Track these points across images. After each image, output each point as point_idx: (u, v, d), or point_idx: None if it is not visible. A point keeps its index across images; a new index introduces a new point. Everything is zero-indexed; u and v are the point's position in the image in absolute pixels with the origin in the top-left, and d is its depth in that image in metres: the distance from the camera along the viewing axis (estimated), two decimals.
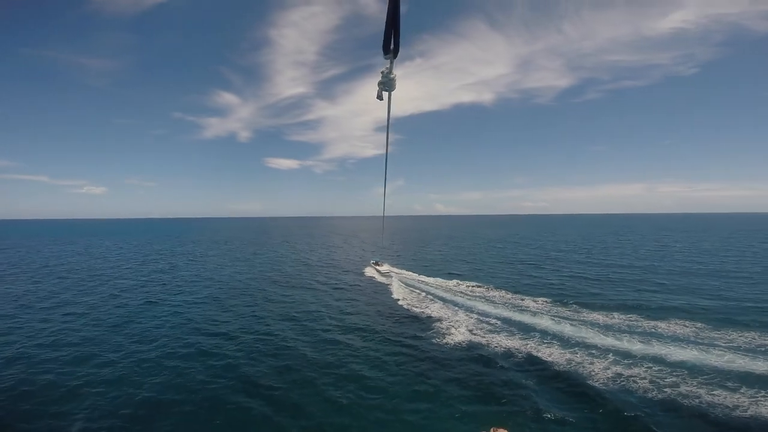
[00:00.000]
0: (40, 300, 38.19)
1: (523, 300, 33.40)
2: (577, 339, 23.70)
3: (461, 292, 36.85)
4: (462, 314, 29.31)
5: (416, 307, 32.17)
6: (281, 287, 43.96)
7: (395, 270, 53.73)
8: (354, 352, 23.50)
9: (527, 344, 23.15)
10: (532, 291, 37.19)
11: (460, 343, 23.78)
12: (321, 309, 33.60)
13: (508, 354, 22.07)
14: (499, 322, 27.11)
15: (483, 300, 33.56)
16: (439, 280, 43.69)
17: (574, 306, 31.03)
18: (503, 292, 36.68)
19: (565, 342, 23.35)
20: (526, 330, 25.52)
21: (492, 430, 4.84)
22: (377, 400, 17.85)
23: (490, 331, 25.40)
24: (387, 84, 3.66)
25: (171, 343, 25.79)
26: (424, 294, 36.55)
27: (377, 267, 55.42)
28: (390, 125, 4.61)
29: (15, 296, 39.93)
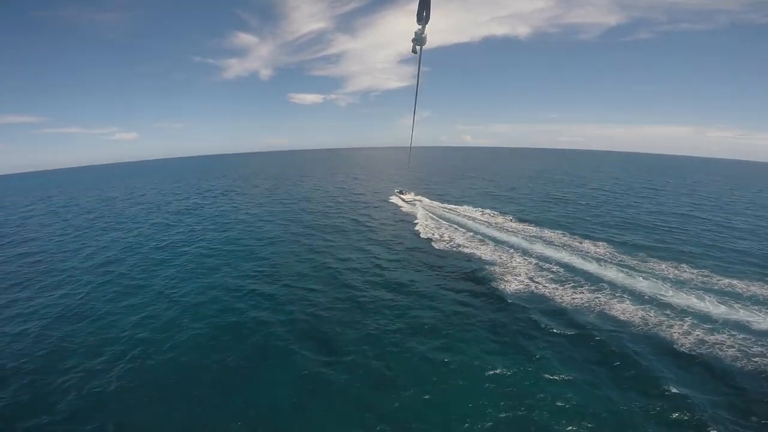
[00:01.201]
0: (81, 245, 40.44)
1: (581, 243, 31.00)
2: (648, 294, 21.69)
3: (511, 230, 34.75)
4: (518, 257, 27.66)
5: (467, 247, 30.69)
6: (309, 224, 43.72)
7: (426, 200, 53.91)
8: (412, 303, 22.31)
9: (597, 298, 21.47)
10: (589, 233, 34.51)
11: (520, 291, 22.52)
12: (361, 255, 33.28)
13: (579, 310, 20.44)
14: (561, 270, 25.23)
15: (538, 241, 31.42)
16: (485, 215, 41.86)
17: (640, 255, 28.39)
18: (558, 232, 34.25)
19: (636, 297, 21.43)
20: (592, 281, 23.59)
21: None
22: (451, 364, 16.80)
23: (554, 281, 23.73)
24: (419, 41, 4.28)
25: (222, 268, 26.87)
26: (472, 233, 34.64)
27: (401, 196, 57.38)
28: (420, 66, 5.64)
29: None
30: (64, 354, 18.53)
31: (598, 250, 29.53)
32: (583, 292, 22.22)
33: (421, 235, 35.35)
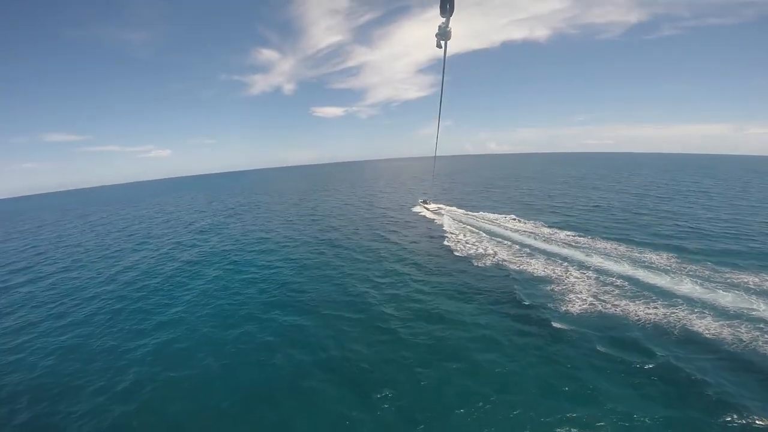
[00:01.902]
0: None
1: (642, 254, 28.78)
2: (732, 308, 19.65)
3: (560, 242, 32.85)
4: (575, 272, 25.95)
5: (513, 263, 29.14)
6: (338, 243, 43.08)
7: (455, 209, 53.62)
8: (458, 333, 20.27)
9: (674, 314, 19.62)
10: (647, 242, 32.20)
11: (587, 313, 20.83)
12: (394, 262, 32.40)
13: (657, 330, 18.58)
14: (627, 284, 23.35)
15: (593, 252, 29.40)
16: (526, 225, 39.76)
17: (709, 264, 26.02)
18: (612, 243, 31.96)
19: (719, 312, 19.43)
20: (665, 295, 21.64)
21: None
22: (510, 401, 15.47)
23: (622, 297, 21.96)
24: (443, 35, 4.20)
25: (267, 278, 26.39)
26: (517, 246, 32.87)
27: (426, 206, 57.05)
28: (437, 67, 5.36)
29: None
30: (77, 383, 18.39)
31: (662, 260, 27.36)
32: (656, 308, 20.40)
33: (457, 252, 33.17)
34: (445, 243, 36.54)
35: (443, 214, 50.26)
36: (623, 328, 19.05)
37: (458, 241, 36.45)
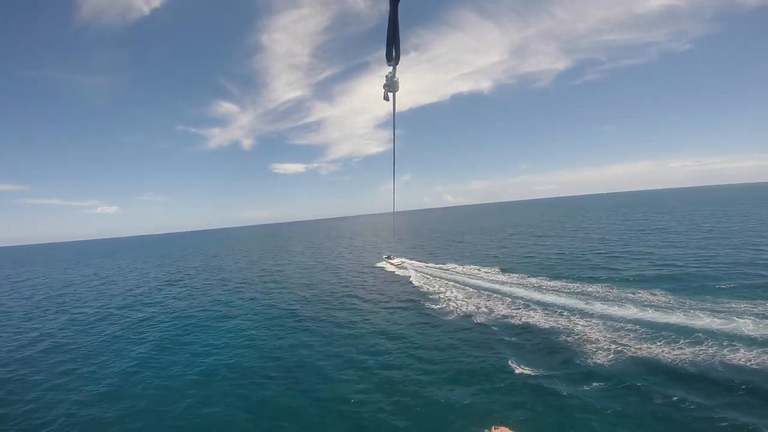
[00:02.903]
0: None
1: (635, 294, 27.58)
2: (759, 336, 18.52)
3: (552, 290, 31.12)
4: (580, 320, 23.87)
5: (512, 317, 26.83)
6: (312, 303, 38.93)
7: (415, 263, 53.27)
8: (486, 405, 17.62)
9: (705, 351, 17.85)
10: (635, 282, 31.50)
11: (615, 363, 18.43)
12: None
13: (699, 368, 16.72)
14: (639, 327, 21.46)
15: (590, 298, 27.76)
16: (510, 277, 37.88)
17: (709, 296, 25.43)
18: (603, 286, 30.70)
19: (748, 342, 18.09)
20: (685, 333, 20.01)
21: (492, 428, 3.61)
22: None
23: (641, 340, 19.89)
24: (391, 86, 4.01)
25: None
26: (509, 299, 30.97)
27: (390, 261, 57.41)
28: (395, 112, 5.03)
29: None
30: None
31: (659, 298, 26.38)
32: (682, 348, 18.61)
33: (452, 309, 29.82)
34: (427, 298, 33.75)
35: (407, 268, 50.97)
36: (661, 370, 17.09)
37: (443, 298, 33.41)
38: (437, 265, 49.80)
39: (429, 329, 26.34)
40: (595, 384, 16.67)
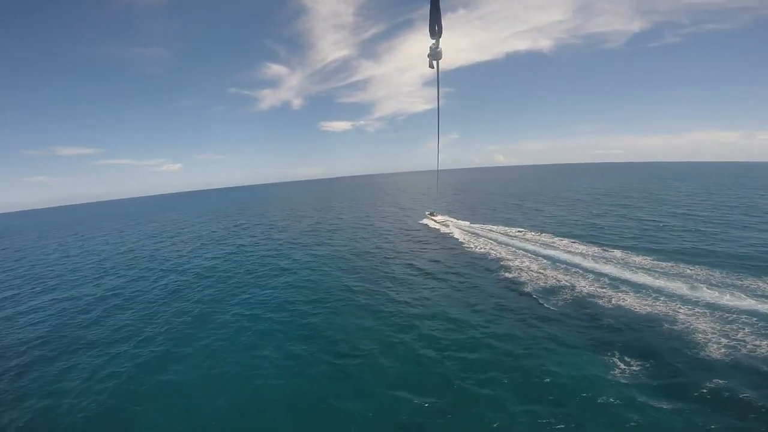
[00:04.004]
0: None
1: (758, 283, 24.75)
2: None
3: (640, 267, 28.65)
4: (682, 307, 21.91)
5: (592, 295, 25.19)
6: (360, 270, 38.79)
7: (476, 225, 52.59)
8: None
9: None
10: (743, 267, 27.92)
11: (733, 359, 16.74)
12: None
13: None
14: (753, 319, 19.37)
15: (690, 280, 24.99)
16: (589, 248, 34.68)
17: None
18: (717, 272, 27.35)
19: None
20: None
21: None
22: None
23: (756, 335, 17.95)
24: (435, 56, 4.31)
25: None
26: (584, 272, 29.10)
27: (433, 218, 60.34)
28: (443, 79, 5.49)
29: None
30: None
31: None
32: None
33: (527, 281, 28.15)
34: (488, 268, 32.53)
35: (449, 226, 53.25)
36: None
37: (501, 261, 32.62)
38: (497, 228, 48.54)
39: (505, 310, 24.10)
40: (712, 385, 15.29)
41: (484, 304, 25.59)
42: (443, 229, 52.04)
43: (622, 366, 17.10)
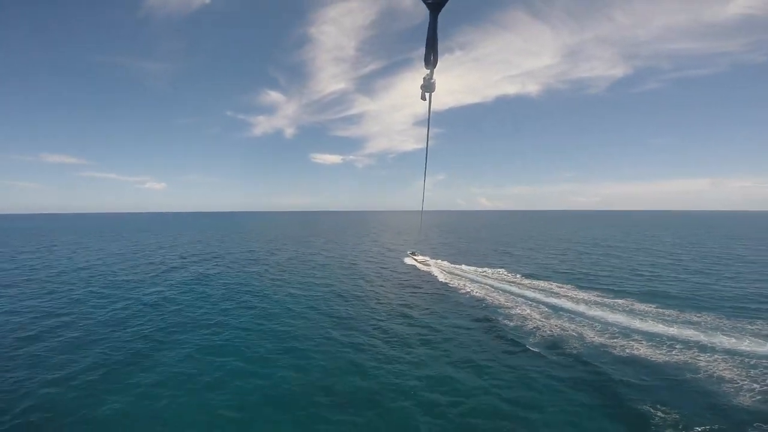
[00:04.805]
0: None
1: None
2: None
3: (630, 311, 27.80)
4: (702, 355, 20.63)
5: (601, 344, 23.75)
6: (350, 314, 37.05)
7: (464, 267, 52.04)
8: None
9: None
10: (731, 311, 27.25)
11: None
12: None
13: None
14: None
15: (708, 329, 23.91)
16: (589, 294, 34.21)
17: None
18: (692, 313, 26.74)
19: None
20: None
21: None
22: None
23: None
24: (428, 87, 4.12)
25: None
26: (572, 316, 27.90)
27: (414, 257, 60.66)
28: (434, 119, 5.12)
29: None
30: None
31: None
32: None
33: (532, 331, 26.02)
34: (490, 315, 30.83)
35: (430, 266, 53.61)
36: None
37: (501, 309, 31.15)
38: (493, 273, 46.85)
39: (511, 366, 21.20)
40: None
41: (487, 359, 22.34)
42: (424, 268, 52.76)
43: (657, 421, 15.39)
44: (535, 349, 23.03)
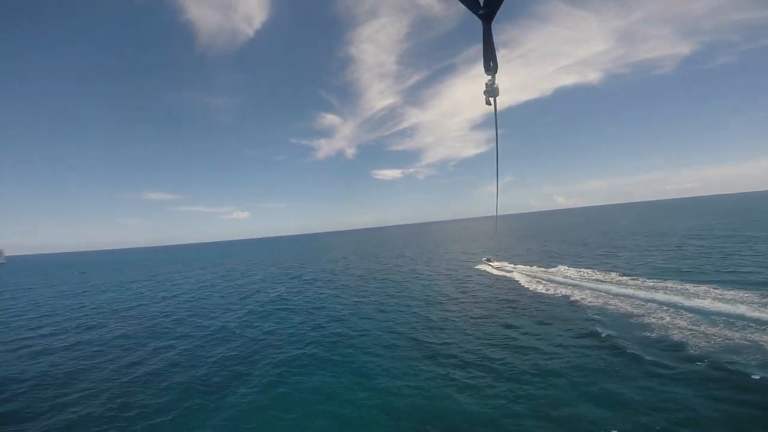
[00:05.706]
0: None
1: None
2: None
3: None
4: None
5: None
6: (438, 338, 33.83)
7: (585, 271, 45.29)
8: None
9: None
10: None
11: None
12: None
13: None
14: None
15: None
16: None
17: None
18: None
19: None
20: None
21: None
22: None
23: None
24: (491, 92, 4.21)
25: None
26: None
27: (490, 263, 58.83)
28: (491, 121, 5.03)
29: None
30: None
31: None
32: None
33: (680, 346, 21.28)
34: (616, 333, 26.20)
35: (511, 271, 50.55)
36: None
37: (631, 318, 26.45)
38: (605, 276, 41.08)
39: (664, 383, 17.24)
40: None
41: (631, 388, 18.21)
42: (503, 274, 49.90)
43: None
44: (694, 367, 18.59)
